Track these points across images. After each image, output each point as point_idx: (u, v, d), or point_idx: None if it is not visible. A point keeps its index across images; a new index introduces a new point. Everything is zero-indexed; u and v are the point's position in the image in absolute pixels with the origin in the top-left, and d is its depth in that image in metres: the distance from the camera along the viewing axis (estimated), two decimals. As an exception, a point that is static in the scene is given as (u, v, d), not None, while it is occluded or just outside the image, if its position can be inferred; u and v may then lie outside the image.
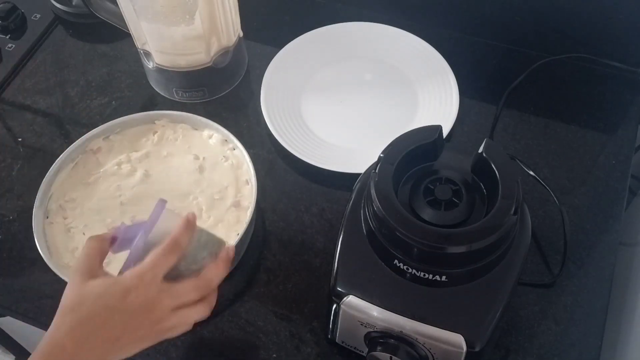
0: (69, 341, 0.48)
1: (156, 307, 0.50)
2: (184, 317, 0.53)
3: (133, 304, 0.49)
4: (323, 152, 0.82)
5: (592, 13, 0.85)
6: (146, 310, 0.50)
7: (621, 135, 0.84)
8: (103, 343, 0.49)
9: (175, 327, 0.53)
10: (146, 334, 0.51)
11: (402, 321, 0.57)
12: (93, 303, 0.49)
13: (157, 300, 0.50)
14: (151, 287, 0.50)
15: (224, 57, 0.86)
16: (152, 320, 0.50)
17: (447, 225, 0.56)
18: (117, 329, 0.49)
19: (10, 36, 0.96)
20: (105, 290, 0.49)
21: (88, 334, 0.48)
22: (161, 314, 0.51)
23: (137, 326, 0.50)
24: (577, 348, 0.69)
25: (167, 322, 0.52)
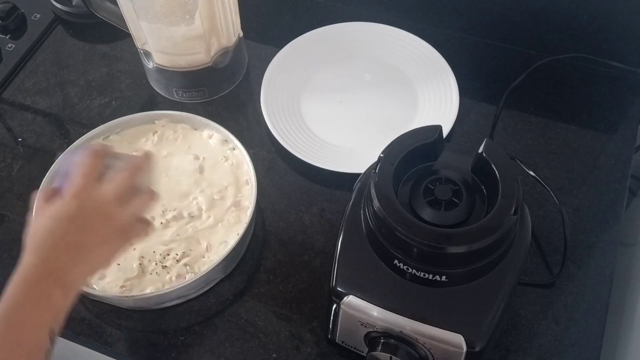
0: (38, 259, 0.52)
1: (117, 217, 0.55)
2: (132, 208, 0.57)
3: (99, 219, 0.54)
4: (323, 152, 0.82)
5: (592, 13, 0.85)
6: (108, 220, 0.55)
7: (621, 135, 0.84)
8: (68, 250, 0.52)
9: (131, 223, 0.57)
10: (107, 233, 0.55)
11: (402, 321, 0.57)
12: (66, 225, 0.53)
13: (117, 213, 0.56)
14: (112, 204, 0.55)
15: (224, 57, 0.86)
16: (105, 220, 0.55)
17: (447, 225, 0.56)
18: (89, 241, 0.54)
19: (10, 36, 0.96)
20: (72, 213, 0.54)
21: (52, 247, 0.52)
22: (122, 220, 0.56)
23: (94, 228, 0.54)
24: (577, 348, 0.69)
25: (119, 217, 0.56)
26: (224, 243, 0.72)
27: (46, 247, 0.52)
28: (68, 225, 0.53)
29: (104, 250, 0.55)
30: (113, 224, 0.55)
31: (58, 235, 0.53)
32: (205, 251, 0.72)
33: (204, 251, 0.72)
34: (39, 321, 0.50)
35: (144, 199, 0.59)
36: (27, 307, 0.50)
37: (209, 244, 0.72)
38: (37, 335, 0.49)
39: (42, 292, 0.51)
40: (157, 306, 0.72)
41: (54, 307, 0.51)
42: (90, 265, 0.55)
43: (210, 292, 0.73)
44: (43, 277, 0.51)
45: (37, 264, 0.52)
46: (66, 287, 0.52)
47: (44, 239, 0.53)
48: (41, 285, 0.51)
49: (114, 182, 0.56)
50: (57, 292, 0.51)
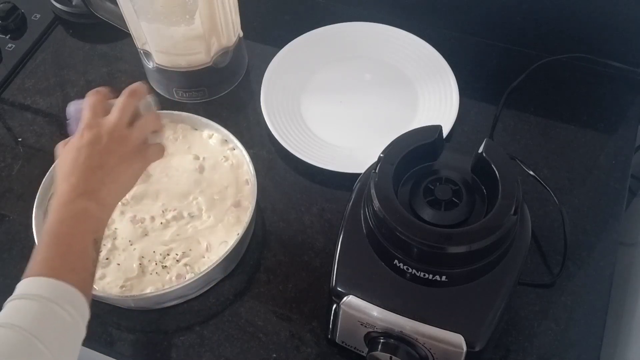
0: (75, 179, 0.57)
1: (128, 138, 0.61)
2: (140, 128, 0.62)
3: (113, 142, 0.59)
4: (323, 152, 0.82)
5: (592, 13, 0.85)
6: (122, 143, 0.60)
7: (621, 135, 0.84)
8: (93, 171, 0.58)
9: (145, 144, 0.63)
10: (125, 153, 0.60)
11: (402, 321, 0.57)
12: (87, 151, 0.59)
13: (127, 134, 0.61)
14: (122, 127, 0.61)
15: (224, 57, 0.86)
16: (120, 141, 0.60)
17: (447, 225, 0.56)
18: (110, 162, 0.59)
19: (10, 36, 0.96)
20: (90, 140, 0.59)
21: (78, 172, 0.58)
22: (133, 141, 0.61)
23: (112, 149, 0.59)
24: (577, 348, 0.69)
25: (132, 138, 0.61)
26: (224, 243, 0.72)
27: (73, 172, 0.58)
28: (88, 151, 0.58)
29: (126, 169, 0.60)
30: (128, 144, 0.60)
31: (81, 161, 0.58)
32: (205, 251, 0.72)
33: (204, 251, 0.72)
34: (82, 231, 0.56)
35: (148, 119, 0.63)
36: (69, 221, 0.56)
37: (209, 244, 0.72)
38: (82, 243, 0.55)
39: (79, 207, 0.56)
40: (157, 306, 0.72)
41: (93, 219, 0.57)
42: (117, 183, 0.60)
43: (210, 292, 0.73)
44: (77, 197, 0.56)
45: (69, 189, 0.57)
46: (100, 202, 0.58)
47: (70, 167, 0.58)
48: (77, 203, 0.56)
49: (116, 110, 0.61)
50: (92, 206, 0.57)
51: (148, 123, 0.63)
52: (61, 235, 0.55)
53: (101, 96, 0.62)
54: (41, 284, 0.51)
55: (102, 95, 0.63)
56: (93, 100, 0.62)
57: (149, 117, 0.64)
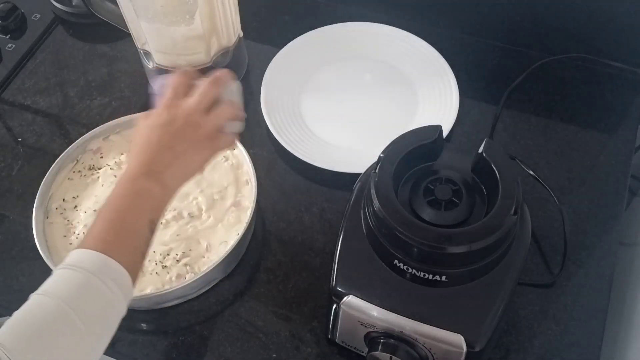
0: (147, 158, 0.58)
1: (203, 124, 0.60)
2: (215, 117, 0.62)
3: (188, 126, 0.60)
4: (323, 152, 0.82)
5: (592, 13, 0.85)
6: (195, 128, 0.60)
7: (621, 135, 0.84)
8: (163, 152, 0.58)
9: (217, 133, 0.62)
10: (196, 139, 0.60)
11: (402, 321, 0.57)
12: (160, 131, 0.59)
13: (203, 120, 0.61)
14: (199, 113, 0.61)
15: (224, 57, 0.86)
16: (194, 127, 0.60)
17: (447, 225, 0.56)
18: (181, 146, 0.59)
19: (10, 36, 0.96)
20: (165, 121, 0.60)
21: (149, 150, 0.59)
22: (207, 128, 0.61)
23: (185, 134, 0.59)
24: (577, 348, 0.69)
25: (205, 126, 0.61)
26: (224, 243, 0.72)
27: (143, 150, 0.58)
28: (162, 131, 0.59)
29: (195, 155, 0.60)
30: (201, 131, 0.60)
31: (153, 140, 0.59)
32: (205, 251, 0.72)
33: (204, 251, 0.72)
34: (140, 209, 0.56)
35: (225, 108, 0.63)
36: (129, 198, 0.56)
37: (209, 244, 0.72)
38: (138, 221, 0.56)
39: (142, 186, 0.57)
40: (157, 306, 0.72)
41: (153, 199, 0.57)
42: (183, 168, 0.60)
43: (210, 292, 0.73)
44: (142, 175, 0.57)
45: (136, 165, 0.58)
46: (163, 184, 0.58)
47: (142, 144, 0.59)
48: (141, 181, 0.57)
49: (197, 94, 0.61)
50: (155, 187, 0.57)
51: (225, 112, 0.63)
52: (119, 210, 0.56)
53: (186, 77, 0.63)
54: (90, 257, 0.52)
55: (187, 77, 0.63)
56: (177, 80, 0.62)
57: (228, 106, 0.63)
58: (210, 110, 0.62)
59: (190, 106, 0.60)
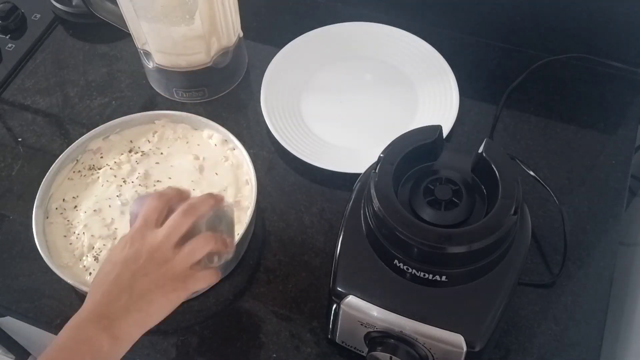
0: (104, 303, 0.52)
1: (171, 262, 0.53)
2: (185, 252, 0.54)
3: (152, 263, 0.53)
4: (323, 152, 0.82)
5: (592, 13, 0.85)
6: (161, 266, 0.53)
7: (621, 135, 0.84)
8: (120, 294, 0.52)
9: (190, 270, 0.55)
10: (159, 278, 0.53)
11: (402, 321, 0.57)
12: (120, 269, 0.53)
13: (171, 257, 0.54)
14: (166, 248, 0.54)
15: (224, 57, 0.86)
16: (159, 264, 0.53)
17: (447, 225, 0.56)
18: (141, 286, 0.52)
19: (10, 36, 0.96)
20: (127, 257, 0.53)
21: (105, 291, 0.52)
22: (176, 266, 0.54)
23: (147, 271, 0.52)
24: (577, 348, 0.69)
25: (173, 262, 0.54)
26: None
27: (100, 290, 0.52)
28: (122, 269, 0.52)
29: (158, 298, 0.52)
30: (167, 269, 0.53)
31: (111, 278, 0.52)
32: (205, 251, 0.72)
33: (204, 251, 0.72)
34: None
35: (204, 239, 0.55)
36: (70, 350, 0.49)
37: (209, 244, 0.72)
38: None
39: (87, 336, 0.50)
40: (157, 306, 0.72)
41: (99, 354, 0.50)
42: (142, 314, 0.52)
43: (210, 292, 0.73)
44: (92, 321, 0.50)
45: (87, 307, 0.51)
46: (113, 335, 0.50)
47: (100, 283, 0.53)
48: (89, 329, 0.50)
49: (167, 225, 0.55)
50: (103, 338, 0.50)
51: (202, 244, 0.55)
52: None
53: (162, 203, 0.56)
54: None
55: (163, 202, 0.56)
56: (151, 206, 0.55)
57: (204, 239, 0.55)
58: (183, 244, 0.54)
59: (157, 240, 0.53)
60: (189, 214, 0.55)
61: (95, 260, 0.70)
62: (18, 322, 0.77)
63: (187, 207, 0.55)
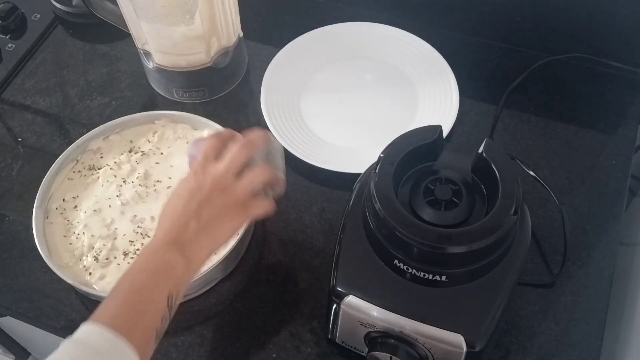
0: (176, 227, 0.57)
1: (232, 190, 0.59)
2: (245, 181, 0.60)
3: (215, 192, 0.58)
4: (323, 152, 0.82)
5: (592, 13, 0.85)
6: (224, 193, 0.58)
7: (621, 135, 0.84)
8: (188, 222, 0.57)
9: (250, 198, 0.60)
10: (224, 205, 0.58)
11: (402, 321, 0.57)
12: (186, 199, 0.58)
13: (232, 185, 0.59)
14: (228, 178, 0.59)
15: (224, 57, 0.86)
16: (222, 192, 0.58)
17: (447, 225, 0.56)
18: (207, 213, 0.57)
19: (10, 36, 0.96)
20: (192, 188, 0.58)
21: (175, 220, 0.57)
22: (237, 193, 0.59)
23: (212, 200, 0.58)
24: (577, 348, 0.69)
25: (234, 190, 0.59)
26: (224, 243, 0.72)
27: (170, 221, 0.57)
28: (189, 199, 0.57)
29: (224, 223, 0.58)
30: (230, 197, 0.58)
31: (179, 209, 0.57)
32: (205, 251, 0.72)
33: (204, 251, 0.72)
34: (159, 285, 0.53)
35: (259, 171, 0.61)
36: (149, 272, 0.54)
37: (209, 244, 0.72)
38: (156, 297, 0.53)
39: (163, 258, 0.55)
40: (157, 306, 0.72)
41: (174, 273, 0.55)
42: (211, 238, 0.58)
43: (210, 292, 0.73)
44: (165, 247, 0.55)
45: (161, 235, 0.56)
46: (187, 256, 0.55)
47: (168, 213, 0.58)
48: (163, 253, 0.55)
49: (227, 157, 0.60)
50: (178, 260, 0.55)
51: (259, 175, 0.60)
52: (137, 285, 0.53)
53: (220, 141, 0.61)
54: (100, 335, 0.49)
55: (220, 141, 0.61)
56: (210, 144, 0.61)
57: (261, 169, 0.61)
58: (242, 174, 0.59)
59: (218, 171, 0.58)
60: (247, 147, 0.60)
61: (95, 260, 0.70)
62: (18, 322, 0.77)
63: (246, 142, 0.61)
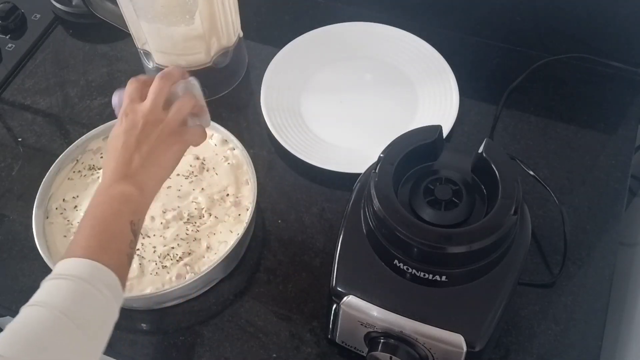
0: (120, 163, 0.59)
1: (164, 121, 0.61)
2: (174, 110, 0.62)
3: (149, 125, 0.60)
4: (323, 152, 0.82)
5: (592, 13, 0.85)
6: (157, 126, 0.61)
7: (621, 135, 0.84)
8: (131, 157, 0.59)
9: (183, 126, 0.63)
10: (160, 136, 0.60)
11: (402, 321, 0.57)
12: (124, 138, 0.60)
13: (163, 117, 0.61)
14: (157, 111, 0.61)
15: (224, 57, 0.86)
16: (155, 125, 0.60)
17: (447, 225, 0.56)
18: (147, 145, 0.60)
19: (10, 36, 0.96)
20: (126, 128, 0.60)
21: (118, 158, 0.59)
22: (169, 123, 0.61)
23: (148, 133, 0.60)
24: (577, 348, 0.69)
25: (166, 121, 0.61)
26: (224, 243, 0.72)
27: (113, 158, 0.59)
28: (126, 136, 0.60)
29: (165, 152, 0.61)
30: (165, 127, 0.61)
31: (119, 147, 0.59)
32: (205, 251, 0.72)
33: (204, 251, 0.72)
34: (120, 213, 0.56)
35: (184, 101, 0.63)
36: (108, 204, 0.57)
37: (209, 244, 0.72)
38: (120, 225, 0.56)
39: (118, 190, 0.57)
40: (157, 306, 0.72)
41: (132, 202, 0.58)
42: (156, 167, 0.60)
43: (210, 292, 0.73)
44: (116, 181, 0.58)
45: (109, 175, 0.59)
46: (138, 185, 0.58)
47: (111, 155, 0.60)
48: (116, 186, 0.58)
49: (151, 92, 0.62)
50: (131, 189, 0.58)
51: (184, 104, 0.63)
52: (99, 217, 0.56)
53: (140, 83, 0.64)
54: (77, 264, 0.52)
55: (140, 83, 0.64)
56: (131, 87, 0.63)
57: (185, 99, 0.64)
58: (169, 107, 0.62)
59: (147, 106, 0.61)
60: (166, 79, 0.63)
61: (95, 260, 0.70)
62: (18, 322, 0.77)
63: (163, 75, 0.63)
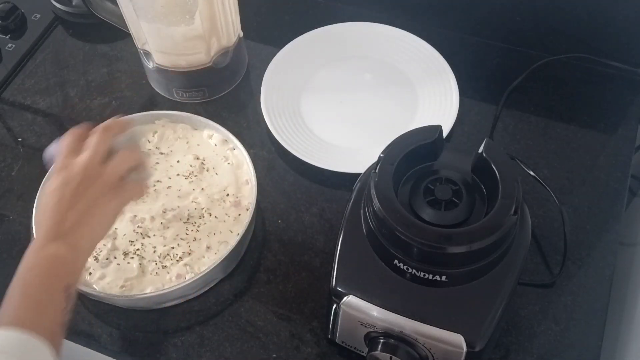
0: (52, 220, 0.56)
1: (100, 177, 0.59)
2: (112, 165, 0.60)
3: (85, 181, 0.58)
4: (323, 152, 0.82)
5: (592, 13, 0.85)
6: (93, 182, 0.58)
7: (621, 135, 0.84)
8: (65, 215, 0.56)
9: (121, 182, 0.60)
10: (96, 192, 0.58)
11: (402, 321, 0.57)
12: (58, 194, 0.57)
13: (99, 173, 0.59)
14: (94, 166, 0.59)
15: (224, 57, 0.86)
16: (91, 180, 0.58)
17: (447, 225, 0.56)
18: (82, 203, 0.57)
19: (10, 36, 0.96)
20: (60, 183, 0.58)
21: (50, 217, 0.56)
22: (106, 179, 0.59)
23: (83, 189, 0.57)
24: (577, 348, 0.69)
25: (103, 176, 0.59)
26: (224, 243, 0.72)
27: (46, 218, 0.56)
28: (60, 193, 0.57)
29: (102, 209, 0.58)
30: (101, 182, 0.58)
31: (52, 205, 0.56)
32: (205, 251, 0.72)
33: (204, 251, 0.72)
34: (52, 278, 0.53)
35: (123, 155, 0.61)
36: (38, 269, 0.54)
37: (209, 244, 0.72)
38: (52, 291, 0.53)
39: (49, 254, 0.54)
40: (157, 306, 0.72)
41: (65, 264, 0.55)
42: (92, 225, 0.57)
43: (210, 292, 0.73)
44: (48, 243, 0.55)
45: (41, 235, 0.55)
46: (72, 246, 0.55)
47: (44, 211, 0.57)
48: (48, 249, 0.54)
49: (88, 146, 0.60)
50: (64, 251, 0.55)
51: (123, 159, 0.61)
52: (30, 284, 0.53)
53: (76, 136, 0.61)
54: (6, 336, 0.49)
55: (77, 135, 0.61)
56: (67, 141, 0.61)
57: (124, 153, 0.61)
58: (107, 162, 0.60)
59: (83, 161, 0.58)
60: (105, 133, 0.61)
61: (95, 260, 0.70)
62: (18, 322, 0.77)
63: (102, 129, 0.61)
